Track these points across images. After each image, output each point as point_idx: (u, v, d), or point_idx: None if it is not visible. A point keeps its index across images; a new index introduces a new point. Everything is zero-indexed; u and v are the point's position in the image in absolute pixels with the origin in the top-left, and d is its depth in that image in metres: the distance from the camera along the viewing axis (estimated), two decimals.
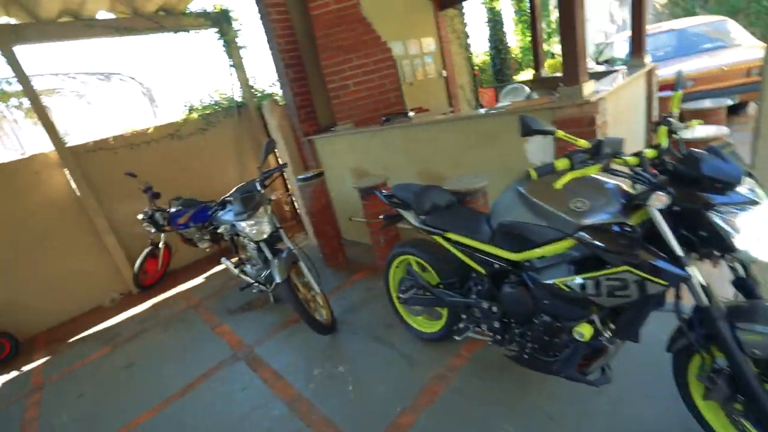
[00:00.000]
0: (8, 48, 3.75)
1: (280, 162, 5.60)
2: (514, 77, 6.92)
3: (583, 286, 1.36)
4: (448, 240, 1.99)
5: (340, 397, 2.22)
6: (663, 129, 1.41)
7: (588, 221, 1.36)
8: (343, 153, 3.91)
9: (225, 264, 3.87)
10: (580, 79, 2.17)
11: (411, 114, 3.24)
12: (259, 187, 2.92)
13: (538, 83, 5.11)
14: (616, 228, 1.32)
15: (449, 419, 1.90)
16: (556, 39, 9.85)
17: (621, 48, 5.94)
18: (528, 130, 1.30)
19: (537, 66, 4.94)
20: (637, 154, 1.32)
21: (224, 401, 2.44)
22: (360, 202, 3.68)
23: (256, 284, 3.38)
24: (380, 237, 3.10)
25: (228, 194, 4.10)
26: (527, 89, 2.84)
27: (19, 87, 5.65)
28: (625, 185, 1.46)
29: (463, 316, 1.99)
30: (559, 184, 1.25)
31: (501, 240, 1.72)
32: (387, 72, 3.77)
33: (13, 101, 5.59)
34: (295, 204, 5.60)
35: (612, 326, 1.44)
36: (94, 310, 4.57)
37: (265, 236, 2.77)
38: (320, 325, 2.66)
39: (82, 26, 4.16)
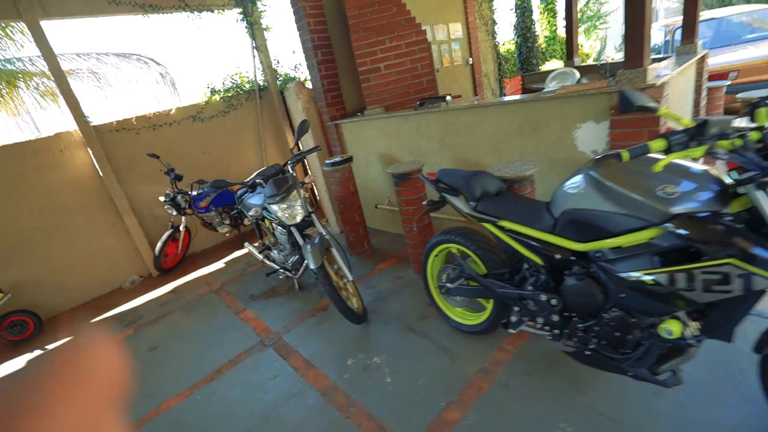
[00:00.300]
0: (35, 22, 3.66)
1: (301, 148, 5.50)
2: (540, 68, 6.71)
3: (672, 280, 1.25)
4: (500, 228, 1.88)
5: (378, 389, 2.13)
6: (764, 110, 1.27)
7: (679, 209, 1.24)
8: (370, 138, 3.79)
9: (248, 249, 3.81)
10: (644, 61, 2.02)
11: (449, 98, 3.09)
12: (290, 170, 2.82)
13: None
14: (709, 216, 1.19)
15: (499, 416, 1.80)
16: (581, 30, 9.57)
17: (656, 37, 5.69)
18: (628, 107, 1.18)
19: (570, 53, 4.74)
20: (742, 136, 1.19)
21: (255, 388, 2.38)
22: (386, 189, 3.56)
23: (282, 270, 3.30)
24: (413, 225, 2.99)
25: (249, 178, 4.05)
26: (577, 73, 2.69)
27: (37, 67, 5.62)
28: (714, 170, 1.33)
29: (516, 309, 1.88)
30: (660, 166, 1.13)
31: (565, 229, 1.60)
32: (420, 55, 3.62)
33: (33, 82, 5.55)
34: (315, 190, 5.50)
35: (697, 323, 1.33)
36: (114, 292, 4.55)
37: (297, 220, 2.68)
38: (353, 314, 2.57)
39: (107, 2, 4.05)
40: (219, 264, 4.62)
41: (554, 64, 6.98)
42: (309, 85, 4.38)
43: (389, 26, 3.52)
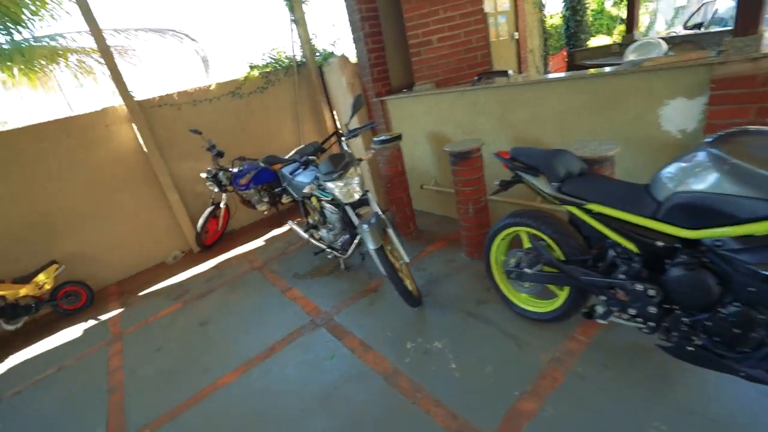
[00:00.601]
0: None
1: (338, 126, 5.39)
2: (588, 43, 6.30)
3: None
4: (587, 212, 1.74)
5: (443, 374, 2.07)
6: None
7: None
8: (419, 115, 3.63)
9: (292, 227, 3.77)
10: (759, 27, 1.78)
11: (510, 72, 2.90)
12: (345, 147, 2.72)
13: (626, 47, 4.57)
14: None
15: (582, 410, 1.71)
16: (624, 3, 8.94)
17: (725, 7, 5.21)
18: None
19: (631, 26, 4.41)
20: None
21: (311, 369, 2.35)
22: (433, 170, 3.42)
23: (329, 250, 3.25)
24: (469, 206, 2.87)
25: (289, 155, 3.96)
26: (664, 45, 2.44)
27: (77, 43, 5.63)
28: None
29: (602, 298, 1.76)
30: None
31: (672, 214, 1.44)
32: (475, 27, 3.40)
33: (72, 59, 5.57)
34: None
35: None
36: (158, 266, 4.64)
37: (355, 198, 2.59)
38: (411, 297, 2.50)
39: None
40: (258, 242, 4.63)
41: (602, 40, 6.53)
42: (353, 59, 4.21)
43: None
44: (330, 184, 2.57)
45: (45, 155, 3.85)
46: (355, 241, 3.01)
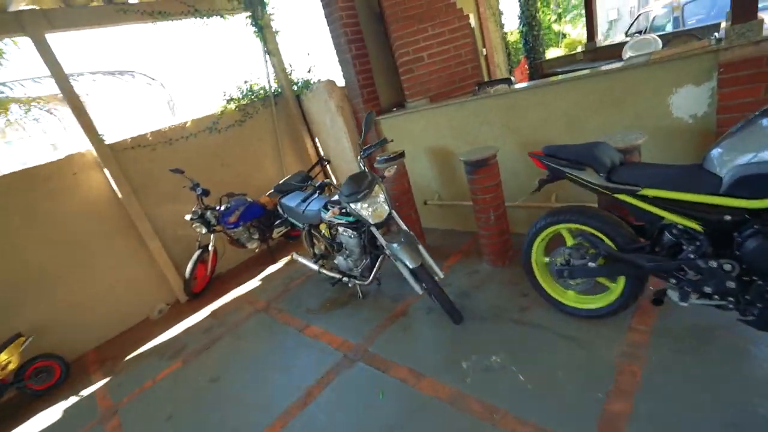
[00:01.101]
0: (41, 35, 3.34)
1: (322, 155, 5.30)
2: (545, 55, 6.77)
3: None
4: (641, 198, 1.75)
5: (514, 389, 1.95)
6: None
7: None
8: (416, 131, 3.63)
9: (297, 260, 3.56)
10: (756, 14, 1.95)
11: (513, 78, 2.98)
12: (362, 166, 2.62)
13: (590, 54, 4.95)
14: None
15: (678, 402, 1.64)
16: (566, 20, 9.81)
17: (661, 14, 5.82)
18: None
19: (591, 35, 4.77)
20: None
21: (364, 410, 2.14)
22: (435, 185, 3.43)
23: (349, 278, 3.08)
24: (490, 214, 2.85)
25: (272, 190, 3.82)
26: (659, 41, 2.63)
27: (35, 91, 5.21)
28: None
29: (672, 282, 1.75)
30: None
31: (737, 187, 1.48)
32: (464, 41, 3.51)
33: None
34: None
35: None
36: (142, 324, 4.17)
37: (383, 217, 2.47)
38: (457, 312, 2.39)
39: (114, 11, 3.77)
40: (253, 282, 4.32)
41: (555, 52, 7.07)
42: (339, 83, 4.19)
43: (430, 13, 3.39)
44: (355, 206, 2.45)
45: (4, 212, 3.40)
46: (377, 265, 2.87)
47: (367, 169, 2.61)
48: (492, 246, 2.99)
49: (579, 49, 5.80)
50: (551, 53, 7.53)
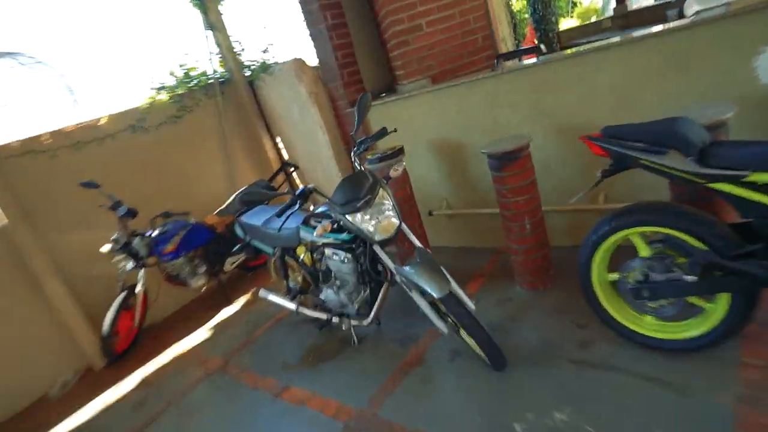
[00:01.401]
0: None
1: (287, 159, 5.09)
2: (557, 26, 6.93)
3: None
4: (750, 186, 1.66)
5: None
6: None
7: None
8: (415, 121, 3.50)
9: (266, 297, 3.29)
10: None
11: (543, 47, 2.92)
12: (358, 165, 2.43)
13: (620, 20, 5.05)
14: None
15: None
16: None
17: None
18: None
19: None
20: None
21: None
22: (443, 190, 3.31)
23: (341, 318, 2.84)
24: (525, 221, 2.71)
25: (224, 206, 3.59)
26: None
27: None
28: None
29: None
30: None
31: None
32: (472, 4, 3.45)
33: None
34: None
35: None
36: (36, 405, 3.68)
37: (392, 232, 2.26)
38: (501, 355, 2.20)
39: None
40: (202, 332, 3.98)
41: (569, 23, 7.24)
42: (311, 63, 4.03)
43: None
44: (354, 218, 2.22)
45: None
46: (380, 297, 2.65)
47: (365, 169, 2.42)
48: (528, 264, 2.85)
49: (593, 18, 5.96)
50: (567, 23, 7.73)
